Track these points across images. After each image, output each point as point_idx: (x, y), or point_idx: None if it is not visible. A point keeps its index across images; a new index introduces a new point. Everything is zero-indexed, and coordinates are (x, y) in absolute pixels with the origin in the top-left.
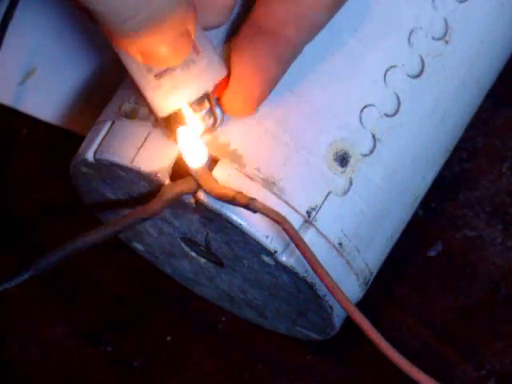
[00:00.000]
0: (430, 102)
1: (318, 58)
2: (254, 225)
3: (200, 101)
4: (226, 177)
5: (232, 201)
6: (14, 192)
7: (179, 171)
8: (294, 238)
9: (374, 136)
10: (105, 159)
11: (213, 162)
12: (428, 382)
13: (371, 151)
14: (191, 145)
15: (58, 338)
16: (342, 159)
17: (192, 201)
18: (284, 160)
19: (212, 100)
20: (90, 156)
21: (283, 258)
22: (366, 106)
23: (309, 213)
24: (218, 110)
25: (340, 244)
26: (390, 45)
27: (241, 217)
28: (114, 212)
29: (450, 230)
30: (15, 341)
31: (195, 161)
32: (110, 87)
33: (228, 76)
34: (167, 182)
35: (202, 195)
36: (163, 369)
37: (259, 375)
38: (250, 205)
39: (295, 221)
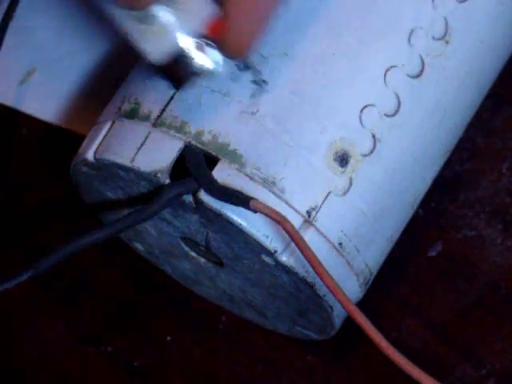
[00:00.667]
0: (430, 102)
1: (318, 58)
2: (254, 225)
3: (195, 43)
4: (225, 177)
5: (232, 201)
6: (14, 192)
7: (179, 171)
8: (294, 237)
9: (374, 136)
10: (105, 159)
11: (213, 162)
12: (428, 382)
13: (371, 151)
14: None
15: (58, 337)
16: (342, 159)
17: (192, 201)
18: (284, 160)
19: (205, 39)
20: (90, 156)
21: (283, 258)
22: (366, 106)
23: (309, 213)
24: (217, 52)
25: (340, 244)
26: (390, 45)
27: (241, 217)
28: (114, 212)
29: (450, 230)
30: (15, 341)
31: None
32: (110, 87)
33: (221, 17)
34: (167, 182)
35: (202, 195)
36: (163, 369)
37: (259, 375)
38: (250, 205)
39: (295, 221)
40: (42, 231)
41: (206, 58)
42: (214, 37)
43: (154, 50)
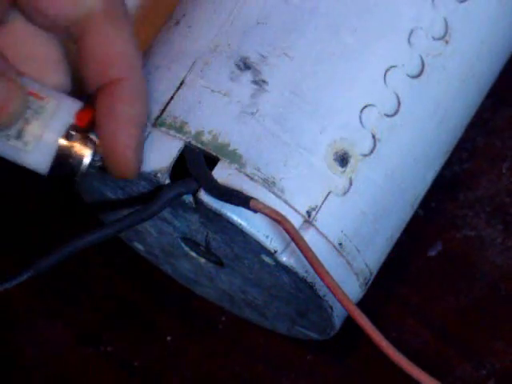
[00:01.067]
0: (430, 102)
1: (318, 58)
2: (254, 225)
3: (70, 136)
4: (225, 177)
5: (232, 201)
6: (13, 192)
7: (179, 171)
8: (294, 237)
9: (374, 136)
10: None
11: (213, 162)
12: (428, 382)
13: (371, 151)
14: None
15: (58, 337)
16: (342, 159)
17: (192, 201)
18: (284, 160)
19: (80, 130)
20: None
21: (283, 258)
22: (366, 106)
23: (309, 213)
24: (93, 136)
25: (340, 244)
26: (390, 45)
27: (241, 217)
28: (114, 212)
29: (450, 230)
30: (15, 341)
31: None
32: None
33: (88, 107)
34: (167, 182)
35: (202, 195)
36: (163, 369)
37: (259, 375)
38: (250, 205)
39: (295, 221)
40: (42, 231)
41: (84, 145)
42: (84, 126)
43: (38, 160)
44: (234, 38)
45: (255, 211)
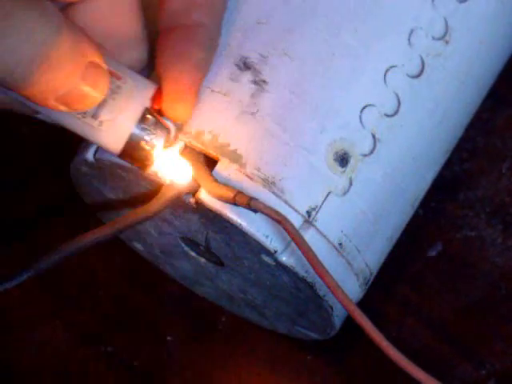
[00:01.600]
0: (430, 102)
1: (318, 58)
2: (254, 225)
3: (144, 120)
4: (225, 177)
5: (232, 201)
6: (14, 192)
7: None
8: (294, 237)
9: (374, 136)
10: (105, 159)
11: (213, 162)
12: (429, 381)
13: (371, 151)
14: (163, 162)
15: (58, 338)
16: (342, 159)
17: (192, 201)
18: (284, 160)
19: (155, 114)
20: (90, 156)
21: (283, 258)
22: (366, 106)
23: (309, 213)
24: (166, 121)
25: (340, 244)
26: (390, 45)
27: (241, 217)
28: (114, 212)
29: (450, 230)
30: (15, 341)
31: (171, 174)
32: None
33: (160, 87)
34: (167, 182)
35: (202, 195)
36: (163, 369)
37: (259, 375)
38: (250, 204)
39: (295, 221)
40: (42, 231)
41: (157, 131)
42: (156, 107)
43: (111, 140)
44: (233, 38)
45: (256, 211)
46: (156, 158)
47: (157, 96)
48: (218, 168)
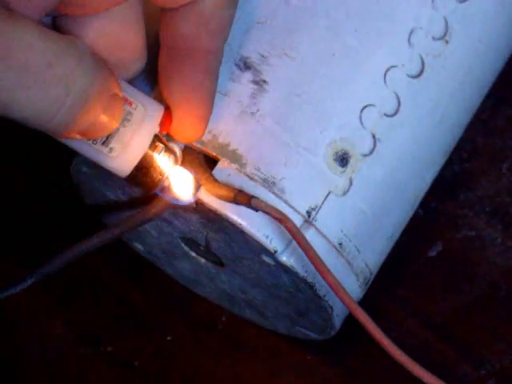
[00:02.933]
0: (430, 102)
1: (318, 58)
2: (254, 225)
3: (154, 147)
4: (225, 177)
5: (233, 200)
6: (14, 192)
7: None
8: (295, 236)
9: (374, 136)
10: None
11: (213, 162)
12: (430, 379)
13: (371, 151)
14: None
15: (58, 338)
16: (342, 159)
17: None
18: (284, 160)
19: (164, 139)
20: None
21: (283, 258)
22: (365, 106)
23: (309, 213)
24: (173, 146)
25: (340, 244)
26: (389, 45)
27: (241, 217)
28: (114, 212)
29: (450, 230)
30: (15, 341)
31: (184, 193)
32: None
33: (167, 110)
34: (167, 182)
35: (202, 195)
36: (163, 369)
37: (259, 375)
38: (251, 203)
39: (295, 221)
40: (43, 231)
41: (165, 156)
42: (165, 131)
43: (120, 166)
44: (234, 38)
45: (256, 210)
46: (161, 181)
47: (165, 118)
48: (218, 168)
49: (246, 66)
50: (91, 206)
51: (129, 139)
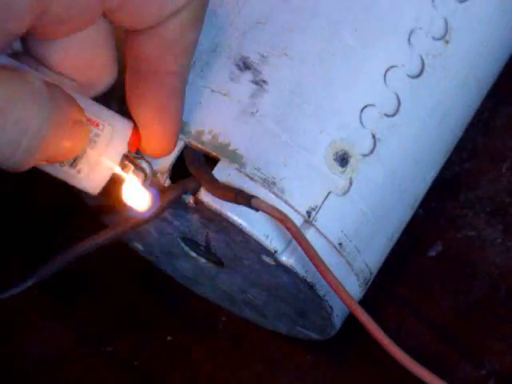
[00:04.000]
0: (430, 102)
1: (318, 58)
2: (254, 224)
3: (123, 166)
4: (225, 177)
5: (233, 200)
6: (14, 192)
7: (179, 171)
8: (296, 235)
9: (374, 136)
10: None
11: (213, 161)
12: (431, 379)
13: (371, 151)
14: (136, 197)
15: (58, 337)
16: (342, 159)
17: (192, 201)
18: (284, 160)
19: (132, 158)
20: None
21: (283, 258)
22: (365, 106)
23: (309, 213)
24: (143, 164)
25: (340, 244)
26: (390, 45)
27: (241, 216)
28: (115, 213)
29: (450, 230)
30: (15, 341)
31: (144, 208)
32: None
33: (136, 127)
34: (167, 182)
35: (202, 195)
36: (163, 369)
37: (259, 375)
38: (251, 203)
39: (295, 221)
40: (43, 232)
41: (134, 174)
42: (135, 148)
43: (89, 186)
44: (233, 38)
45: (257, 210)
46: (130, 194)
47: (134, 135)
48: (218, 168)
49: (245, 66)
50: (91, 206)
51: (96, 160)
